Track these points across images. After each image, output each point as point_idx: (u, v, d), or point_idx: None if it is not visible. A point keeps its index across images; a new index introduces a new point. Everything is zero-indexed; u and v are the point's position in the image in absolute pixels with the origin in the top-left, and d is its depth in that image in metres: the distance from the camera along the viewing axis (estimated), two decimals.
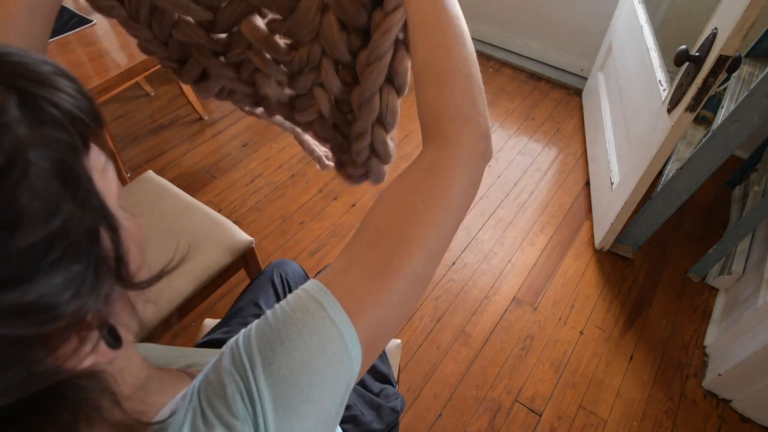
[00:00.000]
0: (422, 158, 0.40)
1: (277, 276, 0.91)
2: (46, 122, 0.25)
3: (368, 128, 0.58)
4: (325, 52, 0.54)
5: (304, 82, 0.58)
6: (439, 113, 0.41)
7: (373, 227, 0.37)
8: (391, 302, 0.35)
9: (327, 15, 0.50)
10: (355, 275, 0.35)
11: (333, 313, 0.33)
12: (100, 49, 1.18)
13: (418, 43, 0.43)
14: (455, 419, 1.27)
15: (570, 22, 2.34)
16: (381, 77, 0.54)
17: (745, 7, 0.96)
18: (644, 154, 1.38)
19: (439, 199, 0.38)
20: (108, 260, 0.27)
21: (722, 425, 1.29)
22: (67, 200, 0.24)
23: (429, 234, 0.37)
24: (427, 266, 0.37)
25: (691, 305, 1.56)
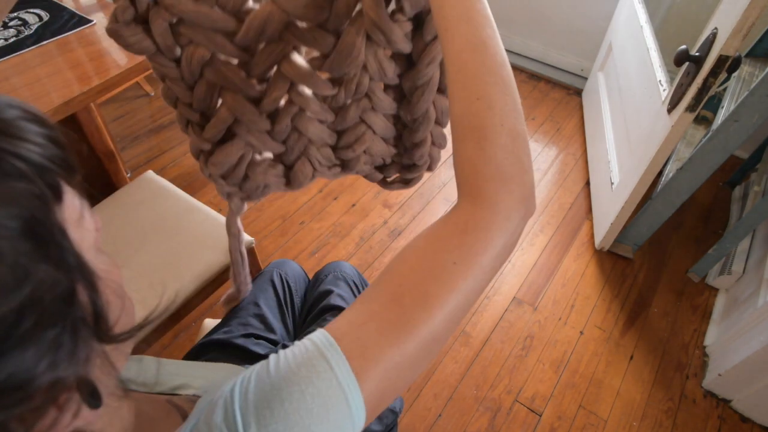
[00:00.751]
0: (457, 214, 0.37)
1: (277, 276, 0.91)
2: (10, 175, 0.23)
3: (428, 136, 0.59)
4: (371, 78, 0.53)
5: (354, 112, 0.56)
6: (477, 170, 0.37)
7: (396, 281, 0.34)
8: (403, 365, 0.33)
9: (373, 46, 0.49)
10: (370, 333, 0.32)
11: (341, 375, 0.30)
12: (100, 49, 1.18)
13: (455, 92, 0.39)
14: (455, 419, 1.27)
15: (570, 22, 2.34)
16: (431, 95, 0.54)
17: (745, 7, 0.96)
18: (644, 154, 1.38)
19: (472, 261, 0.35)
20: (86, 318, 0.25)
21: (722, 425, 1.29)
22: (38, 261, 0.22)
23: (454, 297, 0.34)
24: (446, 330, 0.35)
25: (691, 305, 1.56)
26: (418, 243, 0.37)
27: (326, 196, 1.84)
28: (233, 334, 0.79)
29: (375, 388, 0.31)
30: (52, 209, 0.24)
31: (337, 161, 0.63)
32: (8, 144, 0.23)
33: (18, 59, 1.11)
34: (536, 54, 2.54)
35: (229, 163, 0.59)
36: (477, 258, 0.35)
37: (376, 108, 0.56)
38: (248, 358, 0.77)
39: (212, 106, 0.56)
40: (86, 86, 1.06)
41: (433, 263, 0.34)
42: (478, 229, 0.35)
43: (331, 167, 0.63)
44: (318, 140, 0.59)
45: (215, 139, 0.58)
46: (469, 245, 0.35)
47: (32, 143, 0.24)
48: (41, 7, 1.28)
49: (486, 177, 0.37)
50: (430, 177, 1.93)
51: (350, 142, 0.59)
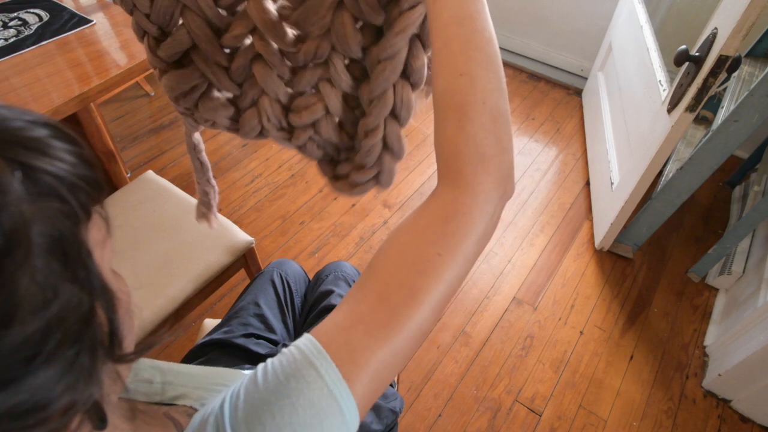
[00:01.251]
0: (437, 201, 0.36)
1: (277, 276, 0.91)
2: (43, 194, 0.22)
3: (380, 123, 0.54)
4: (335, 48, 0.50)
5: (309, 77, 0.53)
6: (458, 150, 0.36)
7: (381, 279, 0.34)
8: (392, 362, 0.32)
9: (341, 12, 0.47)
10: (358, 336, 0.31)
11: (332, 383, 0.30)
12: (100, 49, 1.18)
13: (439, 67, 0.39)
14: (455, 419, 1.27)
15: (570, 22, 2.34)
16: (394, 75, 0.50)
17: (745, 7, 0.96)
18: (644, 154, 1.38)
19: (455, 250, 0.34)
20: (102, 339, 0.24)
21: (722, 425, 1.29)
22: (66, 281, 0.22)
23: (441, 288, 0.34)
24: (432, 321, 0.34)
25: (691, 305, 1.56)
26: (399, 237, 0.36)
27: (326, 196, 1.84)
28: (234, 334, 0.79)
29: (366, 389, 0.31)
30: (80, 229, 0.24)
31: (285, 125, 0.59)
32: (41, 161, 0.23)
33: (18, 59, 1.11)
34: (536, 54, 2.54)
35: (181, 89, 0.57)
36: (460, 246, 0.34)
37: (333, 81, 0.53)
38: (249, 358, 0.77)
39: (171, 23, 0.53)
40: (86, 86, 1.06)
41: (417, 257, 0.34)
42: (459, 215, 0.35)
43: (279, 129, 0.59)
44: (271, 92, 0.55)
45: (170, 60, 0.55)
46: (452, 234, 0.34)
47: (64, 162, 0.24)
48: (41, 7, 1.28)
49: (465, 158, 0.36)
50: (431, 177, 1.93)
51: (299, 107, 0.56)
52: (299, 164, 1.96)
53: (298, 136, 0.59)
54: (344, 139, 0.60)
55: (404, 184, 1.90)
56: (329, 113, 0.56)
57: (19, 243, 0.20)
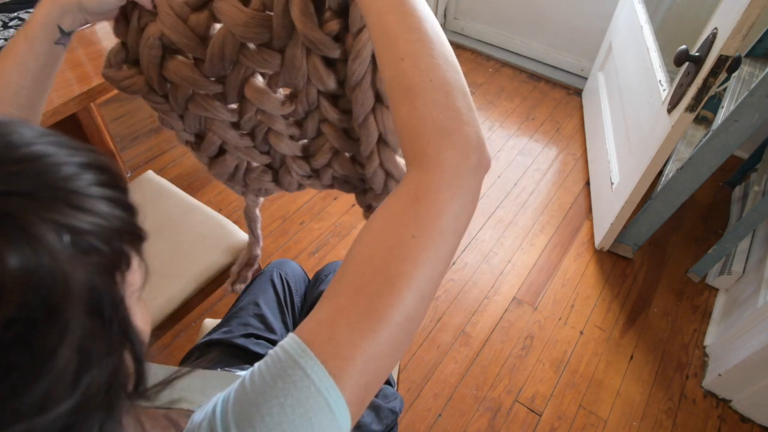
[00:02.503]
0: (406, 184, 0.36)
1: (277, 276, 0.91)
2: (85, 252, 0.22)
3: (374, 149, 0.58)
4: (319, 90, 0.56)
5: (312, 123, 0.60)
6: (416, 131, 0.36)
7: (358, 269, 0.33)
8: (381, 354, 0.32)
9: (311, 57, 0.52)
10: (341, 331, 0.31)
11: (318, 380, 0.29)
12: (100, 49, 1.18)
13: (382, 56, 0.39)
14: (455, 419, 1.27)
15: (570, 22, 2.34)
16: (368, 100, 0.54)
17: (745, 7, 0.96)
18: (644, 154, 1.38)
19: (430, 229, 0.33)
20: (125, 384, 0.24)
21: (722, 425, 1.29)
22: (101, 340, 0.22)
23: (421, 272, 0.33)
24: (419, 307, 0.33)
25: (691, 305, 1.56)
26: (373, 225, 0.35)
27: (326, 196, 1.84)
28: (233, 334, 0.79)
29: (356, 385, 0.31)
30: (118, 282, 0.24)
31: (310, 172, 0.67)
32: (84, 221, 0.22)
33: None
34: (536, 54, 2.54)
35: (227, 173, 0.68)
36: (434, 224, 0.33)
37: (328, 119, 0.59)
38: (248, 358, 0.77)
39: (203, 129, 0.63)
40: (86, 86, 1.06)
41: (391, 242, 0.33)
42: (429, 193, 0.34)
43: (309, 177, 0.68)
44: (289, 153, 0.64)
45: (211, 155, 0.66)
46: (424, 213, 0.33)
47: (104, 217, 0.24)
48: None
49: (424, 137, 0.35)
50: None
51: (314, 151, 0.64)
52: None
53: (323, 176, 0.67)
54: (359, 169, 0.66)
55: None
56: (337, 149, 0.63)
57: (62, 312, 0.20)
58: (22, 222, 0.20)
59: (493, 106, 2.31)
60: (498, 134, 2.17)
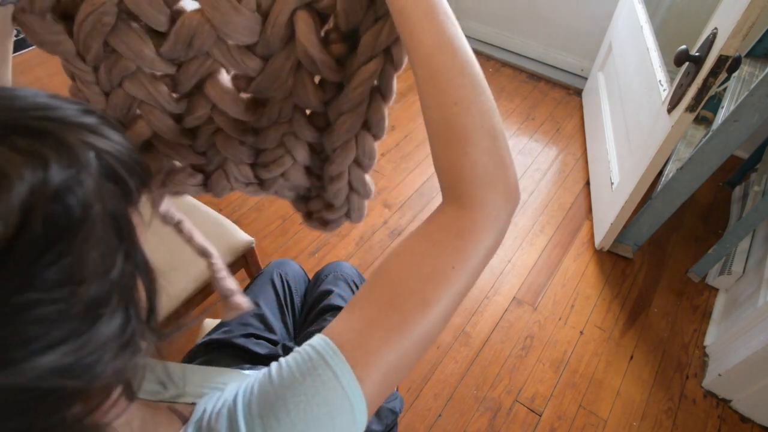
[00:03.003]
0: (450, 217, 0.37)
1: (277, 276, 0.91)
2: (105, 175, 0.25)
3: (344, 170, 0.56)
4: (296, 105, 0.51)
5: (273, 134, 0.54)
6: (463, 176, 0.37)
7: (397, 286, 0.35)
8: (400, 366, 0.34)
9: (301, 73, 0.47)
10: (372, 341, 0.32)
11: (345, 383, 0.31)
12: None
13: (430, 98, 0.38)
14: (455, 419, 1.27)
15: (570, 22, 2.34)
16: (356, 126, 0.51)
17: (745, 7, 0.96)
18: (644, 154, 1.38)
19: (469, 264, 0.36)
20: (142, 313, 0.27)
21: (722, 425, 1.29)
22: (120, 253, 0.25)
23: (452, 299, 0.35)
24: (441, 328, 0.36)
25: (691, 305, 1.56)
26: (414, 247, 0.37)
27: None
28: (233, 334, 0.79)
29: (376, 391, 0.32)
30: (130, 209, 0.27)
31: (254, 180, 0.61)
32: (104, 143, 0.25)
33: (18, 59, 1.11)
34: (536, 54, 2.54)
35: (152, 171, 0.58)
36: (471, 260, 0.36)
37: (297, 135, 0.54)
38: (248, 358, 0.77)
39: (128, 116, 0.52)
40: None
41: (432, 268, 0.35)
42: (473, 233, 0.36)
43: (249, 184, 0.62)
44: (235, 159, 0.57)
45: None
46: (464, 249, 0.36)
47: (121, 145, 0.27)
48: None
49: (473, 182, 0.37)
50: (431, 177, 1.93)
51: (267, 161, 0.57)
52: None
53: (268, 186, 0.61)
54: (313, 181, 0.61)
55: (404, 184, 1.90)
56: (296, 162, 0.58)
57: (89, 216, 0.23)
58: (60, 138, 0.23)
59: None
60: None
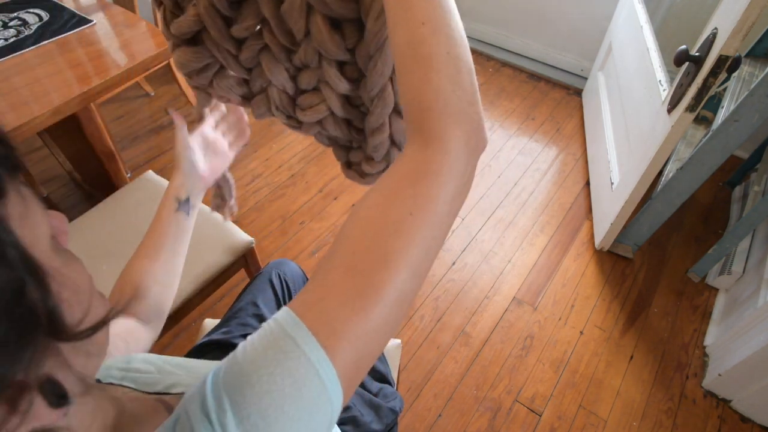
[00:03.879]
0: (407, 160, 0.35)
1: (276, 276, 0.91)
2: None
3: (385, 121, 0.53)
4: (317, 49, 0.48)
5: (308, 78, 0.52)
6: (426, 104, 0.35)
7: (351, 247, 0.33)
8: (373, 330, 0.31)
9: (313, 16, 0.45)
10: (332, 304, 0.31)
11: (309, 351, 0.29)
12: (100, 49, 1.18)
13: (398, 17, 0.36)
14: (455, 419, 1.27)
15: (570, 22, 2.34)
16: (388, 68, 0.48)
17: (745, 8, 0.96)
18: (644, 154, 1.38)
19: (428, 209, 0.33)
20: (37, 315, 0.24)
21: (722, 425, 1.29)
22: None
23: (416, 250, 0.33)
24: (412, 286, 0.33)
25: (691, 305, 1.56)
26: (368, 201, 0.35)
27: (326, 196, 1.84)
28: (233, 334, 0.79)
29: (348, 360, 0.31)
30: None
31: (293, 115, 0.58)
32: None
33: (18, 59, 1.11)
34: (536, 54, 2.54)
35: (192, 67, 0.56)
36: (431, 205, 0.33)
37: (330, 84, 0.51)
38: None
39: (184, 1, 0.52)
40: (86, 86, 1.06)
41: (387, 218, 0.33)
42: (430, 173, 0.34)
43: (289, 118, 0.59)
44: (278, 83, 0.54)
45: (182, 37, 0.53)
46: (424, 192, 0.33)
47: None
48: (41, 7, 1.28)
49: (434, 112, 0.35)
50: None
51: (304, 105, 0.55)
52: (299, 164, 1.96)
53: (307, 130, 0.59)
54: (353, 134, 0.59)
55: None
56: (332, 113, 0.55)
57: None
58: None
59: (493, 106, 2.31)
60: (498, 134, 2.17)
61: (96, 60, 1.15)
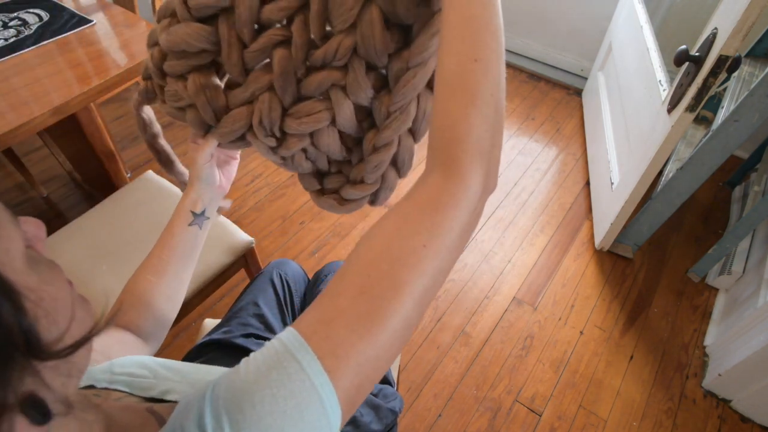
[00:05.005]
0: (429, 188, 0.36)
1: (277, 276, 0.91)
2: None
3: (395, 139, 0.50)
4: (357, 50, 0.45)
5: (321, 79, 0.48)
6: (458, 136, 0.36)
7: (365, 270, 0.33)
8: (377, 357, 0.32)
9: (370, 5, 0.43)
10: (339, 330, 0.31)
11: (313, 375, 0.29)
12: (100, 49, 1.18)
13: (453, 46, 0.36)
14: (455, 419, 1.27)
15: (570, 22, 2.34)
16: (422, 83, 0.46)
17: (745, 8, 0.96)
18: (644, 154, 1.38)
19: (441, 241, 0.34)
20: (11, 336, 0.23)
21: (722, 425, 1.29)
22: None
23: (426, 282, 0.33)
24: (417, 314, 0.34)
25: (691, 305, 1.56)
26: (385, 225, 0.35)
27: None
28: (233, 334, 0.79)
29: (350, 385, 0.31)
30: None
31: (275, 131, 0.52)
32: None
33: (18, 59, 1.11)
34: (536, 54, 2.54)
35: (183, 47, 0.50)
36: (445, 237, 0.34)
37: (348, 89, 0.48)
38: None
39: None
40: (86, 86, 1.06)
41: (402, 248, 0.33)
42: (450, 206, 0.34)
43: (268, 135, 0.53)
44: (279, 86, 0.49)
45: (198, 11, 0.49)
46: (438, 224, 0.34)
47: None
48: (41, 7, 1.28)
49: (464, 146, 0.35)
50: None
51: (301, 112, 0.50)
52: None
53: (289, 145, 0.52)
54: (342, 152, 0.55)
55: (405, 183, 1.90)
56: (333, 123, 0.51)
57: None
58: None
59: None
60: None
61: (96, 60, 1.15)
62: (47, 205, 1.77)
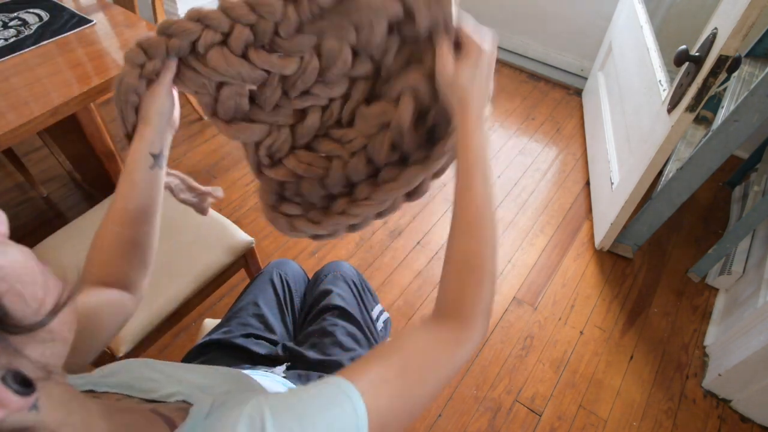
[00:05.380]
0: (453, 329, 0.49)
1: (277, 276, 0.91)
2: None
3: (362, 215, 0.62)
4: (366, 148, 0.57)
5: (332, 149, 0.60)
6: (472, 303, 0.49)
7: (407, 359, 0.45)
8: (399, 419, 0.42)
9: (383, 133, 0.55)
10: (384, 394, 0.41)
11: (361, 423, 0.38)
12: (100, 49, 1.18)
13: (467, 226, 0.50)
14: (455, 419, 1.27)
15: (570, 22, 2.34)
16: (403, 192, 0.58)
17: (745, 7, 0.96)
18: (644, 154, 1.38)
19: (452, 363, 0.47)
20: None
21: (722, 425, 1.29)
22: None
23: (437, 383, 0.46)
24: (427, 401, 0.45)
25: (691, 305, 1.56)
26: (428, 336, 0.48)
27: None
28: (233, 334, 0.79)
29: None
30: None
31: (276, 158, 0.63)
32: None
33: (18, 59, 1.11)
34: (536, 54, 2.54)
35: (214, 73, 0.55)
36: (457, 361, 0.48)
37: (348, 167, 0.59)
38: (248, 358, 0.77)
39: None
40: (86, 86, 1.06)
41: (433, 359, 0.46)
42: (465, 343, 0.49)
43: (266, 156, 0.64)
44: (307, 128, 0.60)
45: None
46: (457, 352, 0.48)
47: None
48: (41, 7, 1.28)
49: (476, 311, 0.49)
50: None
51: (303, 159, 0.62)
52: None
53: (278, 173, 0.63)
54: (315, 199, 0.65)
55: None
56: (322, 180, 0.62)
57: None
58: None
59: (493, 106, 2.31)
60: (498, 134, 2.17)
61: (96, 60, 1.15)
62: (47, 205, 1.77)
